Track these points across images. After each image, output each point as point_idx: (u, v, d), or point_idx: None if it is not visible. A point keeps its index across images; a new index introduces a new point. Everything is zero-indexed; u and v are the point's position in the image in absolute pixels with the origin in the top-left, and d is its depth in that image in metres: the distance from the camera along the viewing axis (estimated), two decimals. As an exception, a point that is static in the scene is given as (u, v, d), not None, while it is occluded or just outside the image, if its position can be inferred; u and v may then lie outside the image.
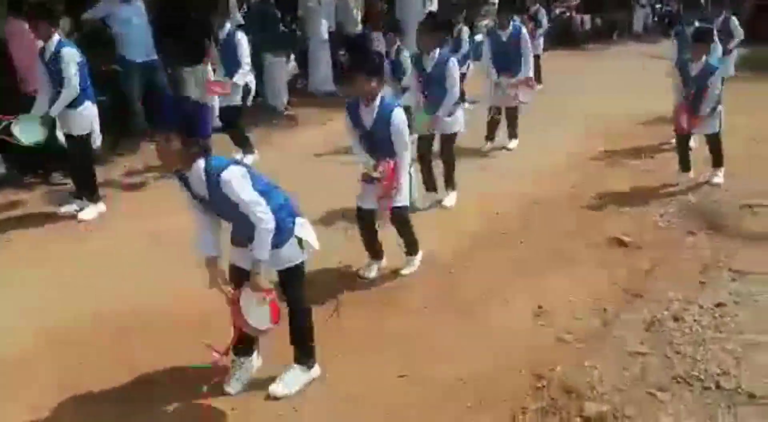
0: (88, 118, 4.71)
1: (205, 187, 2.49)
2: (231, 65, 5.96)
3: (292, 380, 2.83)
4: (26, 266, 4.10)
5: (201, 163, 2.45)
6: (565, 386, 2.85)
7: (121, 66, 6.54)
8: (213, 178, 2.44)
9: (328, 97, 8.87)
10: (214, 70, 6.37)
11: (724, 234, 4.40)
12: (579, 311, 3.51)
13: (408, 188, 3.76)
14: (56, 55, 4.50)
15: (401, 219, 3.80)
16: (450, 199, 5.07)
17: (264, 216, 2.50)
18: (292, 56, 8.76)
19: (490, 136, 6.54)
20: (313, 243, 2.80)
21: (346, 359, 3.07)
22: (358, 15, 10.07)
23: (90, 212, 4.87)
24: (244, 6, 8.64)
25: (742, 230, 4.47)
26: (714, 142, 5.37)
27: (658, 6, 18.18)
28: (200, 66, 6.91)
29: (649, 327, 3.33)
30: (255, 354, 2.96)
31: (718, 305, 3.49)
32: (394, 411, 2.74)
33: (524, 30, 6.37)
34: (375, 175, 3.53)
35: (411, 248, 3.95)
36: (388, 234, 3.95)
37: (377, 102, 3.45)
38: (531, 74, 6.43)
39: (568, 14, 15.21)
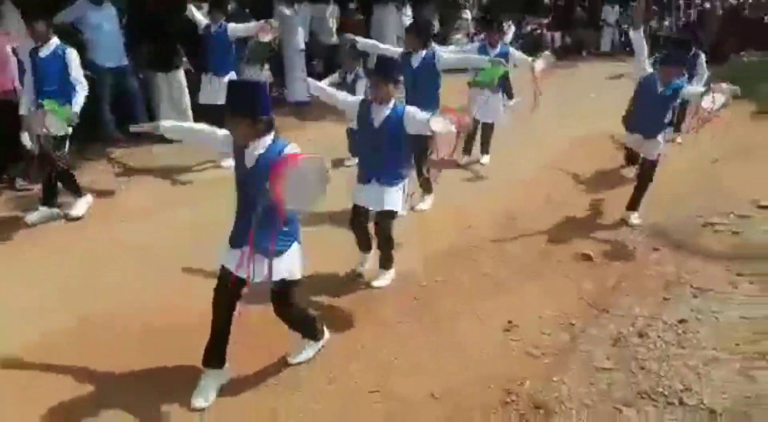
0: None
1: (256, 160, 2.64)
2: (219, 59, 6.00)
3: (306, 351, 3.12)
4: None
5: (269, 138, 2.65)
6: (534, 401, 2.90)
7: (92, 71, 6.41)
8: (275, 151, 2.60)
9: (303, 106, 8.86)
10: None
11: (687, 252, 4.54)
12: (547, 326, 3.57)
13: (401, 197, 3.81)
14: (58, 56, 4.55)
15: (388, 225, 3.82)
16: (426, 203, 5.17)
17: None
18: (267, 65, 8.73)
19: (467, 149, 6.64)
20: (298, 271, 2.86)
21: (317, 372, 3.07)
22: (334, 25, 10.09)
23: (80, 207, 4.88)
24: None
25: (704, 248, 4.62)
26: (647, 171, 4.95)
27: (624, 26, 18.62)
28: (174, 72, 6.88)
29: (615, 343, 3.41)
30: (226, 365, 2.94)
31: (681, 321, 3.60)
32: (365, 426, 2.74)
33: (511, 49, 6.46)
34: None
35: (386, 262, 3.99)
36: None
37: (391, 104, 3.61)
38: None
39: (539, 31, 15.53)
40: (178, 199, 5.42)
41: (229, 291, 2.80)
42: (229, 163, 6.42)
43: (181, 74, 6.95)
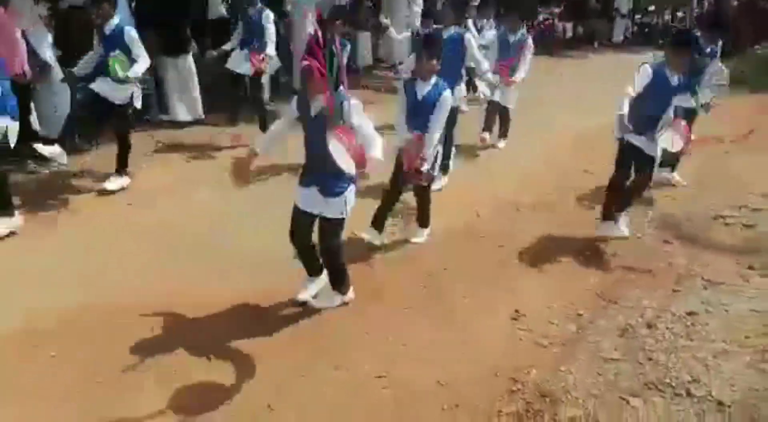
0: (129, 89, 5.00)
1: (319, 110, 3.03)
2: (254, 40, 6.24)
3: (331, 298, 3.50)
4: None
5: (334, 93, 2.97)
6: (541, 390, 2.89)
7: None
8: (338, 101, 2.96)
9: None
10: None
11: (697, 244, 4.49)
12: (555, 316, 3.55)
13: (436, 161, 4.15)
14: (119, 33, 4.86)
15: (423, 187, 4.26)
16: (439, 184, 5.17)
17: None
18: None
19: (487, 127, 6.76)
20: (350, 209, 3.25)
21: (325, 357, 3.07)
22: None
23: (115, 182, 5.09)
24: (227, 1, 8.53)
25: (715, 240, 4.58)
26: (647, 171, 4.33)
27: (637, 17, 18.45)
28: (183, 56, 6.87)
29: (623, 334, 3.39)
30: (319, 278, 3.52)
31: (690, 313, 3.57)
32: (369, 411, 2.74)
33: (529, 37, 6.53)
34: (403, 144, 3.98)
35: (424, 220, 4.43)
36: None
37: (433, 80, 3.97)
38: (524, 75, 6.58)
39: (550, 20, 15.39)
40: (201, 179, 5.44)
41: (301, 224, 3.30)
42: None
43: (189, 59, 6.95)
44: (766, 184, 5.54)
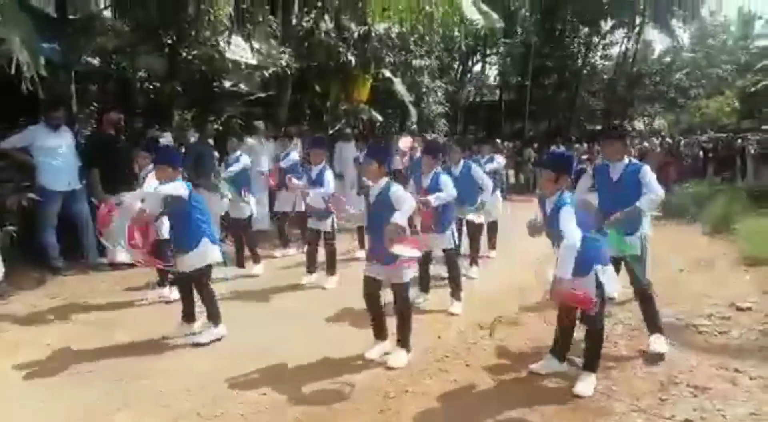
0: None
1: (377, 195, 3.95)
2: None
3: (400, 357, 3.96)
4: None
5: (385, 180, 3.98)
6: None
7: (40, 195, 6.13)
8: (386, 190, 3.91)
9: (261, 233, 8.64)
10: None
11: (674, 352, 4.19)
12: (537, 437, 3.09)
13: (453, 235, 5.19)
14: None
15: (451, 257, 5.22)
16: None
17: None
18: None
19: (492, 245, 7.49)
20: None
21: None
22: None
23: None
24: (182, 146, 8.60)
25: (692, 347, 4.30)
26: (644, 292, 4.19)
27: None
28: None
29: (619, 450, 2.95)
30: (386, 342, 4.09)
31: (686, 422, 3.19)
32: None
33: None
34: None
35: (456, 293, 5.17)
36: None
37: (434, 172, 5.10)
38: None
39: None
40: (108, 332, 4.89)
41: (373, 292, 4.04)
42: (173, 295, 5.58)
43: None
44: (727, 296, 5.45)
